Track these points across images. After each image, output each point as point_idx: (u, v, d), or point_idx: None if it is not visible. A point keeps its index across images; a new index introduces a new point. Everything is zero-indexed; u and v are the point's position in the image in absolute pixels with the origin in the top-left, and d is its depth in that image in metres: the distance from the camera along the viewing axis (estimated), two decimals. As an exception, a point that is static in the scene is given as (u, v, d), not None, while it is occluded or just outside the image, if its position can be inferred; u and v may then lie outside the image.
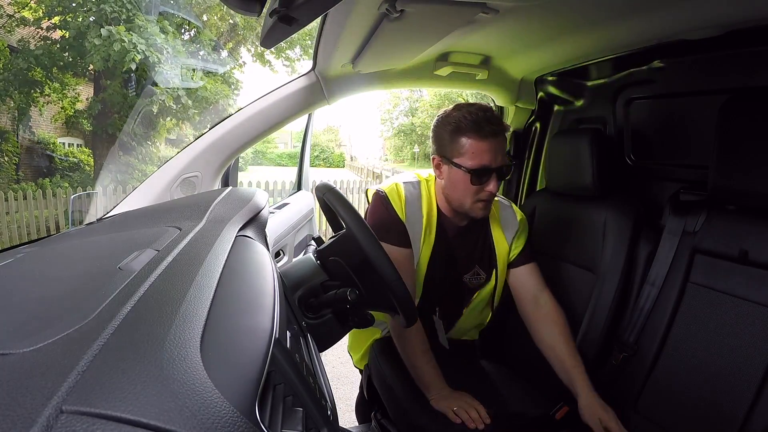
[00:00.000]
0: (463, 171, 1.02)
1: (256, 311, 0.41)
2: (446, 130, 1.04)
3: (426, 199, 1.13)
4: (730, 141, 0.89)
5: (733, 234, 0.92)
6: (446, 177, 1.07)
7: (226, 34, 9.33)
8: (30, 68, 6.92)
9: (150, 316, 0.31)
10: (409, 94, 27.77)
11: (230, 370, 0.30)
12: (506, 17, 0.94)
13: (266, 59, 10.15)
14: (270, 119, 1.26)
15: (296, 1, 0.52)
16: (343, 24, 0.92)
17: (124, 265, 0.43)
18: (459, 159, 1.02)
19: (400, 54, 1.16)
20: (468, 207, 1.07)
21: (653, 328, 1.01)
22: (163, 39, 7.00)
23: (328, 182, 0.93)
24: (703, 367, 0.90)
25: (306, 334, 0.69)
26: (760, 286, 0.85)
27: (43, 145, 8.39)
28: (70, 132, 9.02)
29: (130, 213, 0.76)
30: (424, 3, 0.79)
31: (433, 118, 1.11)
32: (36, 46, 7.21)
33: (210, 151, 1.23)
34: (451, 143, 1.03)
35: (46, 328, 0.30)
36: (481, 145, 1.00)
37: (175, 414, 0.23)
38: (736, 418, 0.82)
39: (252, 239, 0.60)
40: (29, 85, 7.18)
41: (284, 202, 1.58)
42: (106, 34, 6.45)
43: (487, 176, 1.02)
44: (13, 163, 7.70)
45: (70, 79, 7.78)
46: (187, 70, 7.64)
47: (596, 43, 1.12)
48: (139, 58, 6.56)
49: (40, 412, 0.20)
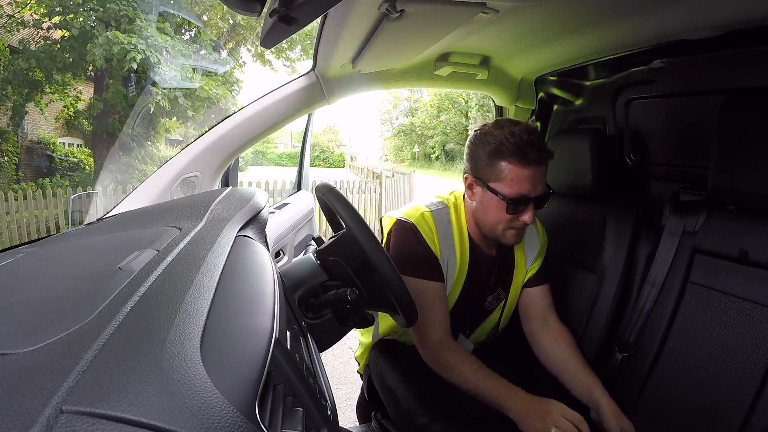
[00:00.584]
0: (499, 198, 0.94)
1: (256, 311, 0.41)
2: (484, 150, 0.95)
3: (457, 228, 1.06)
4: (730, 141, 0.89)
5: (733, 234, 0.92)
6: (479, 200, 1.00)
7: (226, 34, 9.34)
8: (30, 68, 6.92)
9: (150, 316, 0.31)
10: (409, 94, 27.80)
11: (230, 370, 0.30)
12: (506, 17, 0.94)
13: (266, 59, 10.17)
14: (270, 119, 1.26)
15: (296, 1, 0.52)
16: (343, 24, 0.92)
17: (124, 265, 0.43)
18: (496, 184, 0.95)
19: (400, 54, 1.16)
20: (499, 233, 1.00)
21: (653, 328, 1.01)
22: (163, 40, 7.01)
23: (328, 182, 0.93)
24: (703, 367, 0.90)
25: (306, 334, 0.69)
26: (760, 286, 0.85)
27: (43, 145, 8.41)
28: (70, 132, 9.03)
29: (130, 213, 0.76)
30: (424, 3, 0.79)
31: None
32: (36, 47, 7.21)
33: (210, 151, 1.23)
34: (488, 165, 0.95)
35: (46, 328, 0.30)
36: (523, 173, 0.92)
37: (175, 414, 0.23)
38: (736, 418, 0.82)
39: (252, 239, 0.60)
40: (29, 85, 7.18)
41: (284, 202, 1.58)
42: (104, 41, 6.48)
43: (524, 205, 0.95)
44: (13, 163, 7.71)
45: (70, 79, 7.79)
46: (186, 70, 7.66)
47: (596, 43, 1.12)
48: (140, 58, 6.57)
49: (40, 412, 0.20)
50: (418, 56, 1.21)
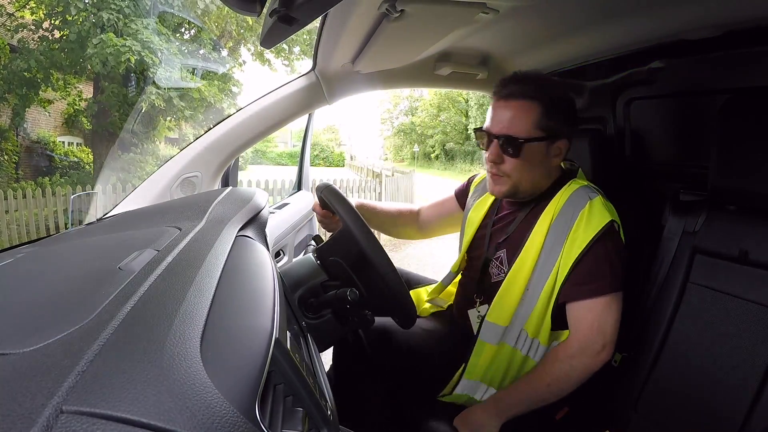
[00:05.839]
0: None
1: (256, 311, 0.41)
2: None
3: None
4: (730, 141, 0.89)
5: (733, 234, 0.92)
6: None
7: (227, 34, 9.34)
8: (29, 68, 6.92)
9: (150, 316, 0.31)
10: (410, 93, 27.82)
11: (230, 370, 0.30)
12: (506, 17, 0.94)
13: (266, 58, 10.17)
14: (270, 119, 1.26)
15: (296, 1, 0.52)
16: (343, 24, 0.92)
17: (124, 265, 0.43)
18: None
19: (400, 54, 1.16)
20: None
21: (653, 328, 1.01)
22: (158, 42, 7.02)
23: (329, 182, 0.94)
24: (703, 367, 0.90)
25: (306, 334, 0.69)
26: (760, 286, 0.85)
27: (43, 144, 8.41)
28: (69, 131, 9.04)
29: (130, 213, 0.76)
30: (424, 3, 0.79)
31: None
32: (36, 47, 7.21)
33: (210, 151, 1.23)
34: None
35: (46, 328, 0.30)
36: (492, 104, 0.92)
37: (175, 414, 0.23)
38: (736, 418, 0.82)
39: (252, 239, 0.61)
40: (29, 84, 7.18)
41: (284, 202, 1.58)
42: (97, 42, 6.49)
43: (483, 141, 0.93)
44: (12, 162, 7.71)
45: (71, 78, 7.79)
46: (185, 70, 7.68)
47: (596, 43, 1.12)
48: (134, 59, 6.58)
49: (40, 412, 0.20)
50: (418, 56, 1.21)
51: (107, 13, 6.70)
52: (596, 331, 0.88)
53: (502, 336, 0.94)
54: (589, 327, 0.89)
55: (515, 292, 0.93)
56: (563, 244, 0.90)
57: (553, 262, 0.91)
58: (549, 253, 0.91)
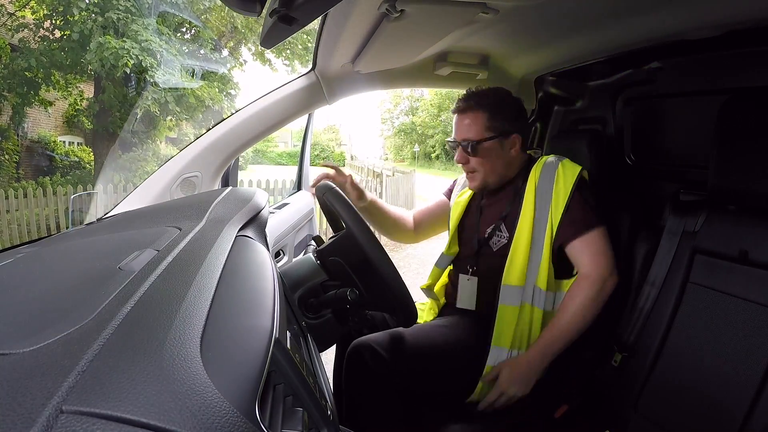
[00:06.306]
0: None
1: (256, 311, 0.41)
2: None
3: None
4: (730, 141, 0.89)
5: (733, 234, 0.91)
6: None
7: (228, 34, 9.34)
8: (30, 67, 6.92)
9: (150, 316, 0.31)
10: (410, 93, 27.78)
11: (230, 370, 0.30)
12: (506, 17, 0.94)
13: (266, 58, 10.17)
14: (270, 119, 1.26)
15: (296, 1, 0.52)
16: (343, 24, 0.92)
17: (124, 265, 0.43)
18: None
19: (400, 54, 1.16)
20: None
21: (653, 328, 1.01)
22: (159, 42, 7.01)
23: (329, 182, 0.93)
24: (702, 367, 0.90)
25: (306, 334, 0.69)
26: (760, 286, 0.85)
27: (44, 144, 8.41)
28: (70, 130, 9.04)
29: (130, 213, 0.76)
30: (424, 3, 0.79)
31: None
32: (37, 47, 7.21)
33: (210, 151, 1.23)
34: None
35: (46, 328, 0.30)
36: (454, 119, 1.15)
37: (175, 414, 0.23)
38: (735, 418, 0.82)
39: (252, 239, 0.61)
40: (29, 83, 7.19)
41: (284, 202, 1.58)
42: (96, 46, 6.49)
43: (453, 148, 1.14)
44: (13, 161, 7.71)
45: (71, 78, 7.79)
46: (184, 71, 7.68)
47: (596, 43, 1.12)
48: (132, 63, 6.58)
49: (40, 412, 0.20)
50: (418, 56, 1.21)
51: (115, 14, 6.70)
52: (600, 257, 1.03)
53: (521, 296, 1.06)
54: (592, 256, 1.04)
55: (521, 251, 1.07)
56: (550, 200, 1.07)
57: (546, 215, 1.07)
58: (541, 211, 1.08)
